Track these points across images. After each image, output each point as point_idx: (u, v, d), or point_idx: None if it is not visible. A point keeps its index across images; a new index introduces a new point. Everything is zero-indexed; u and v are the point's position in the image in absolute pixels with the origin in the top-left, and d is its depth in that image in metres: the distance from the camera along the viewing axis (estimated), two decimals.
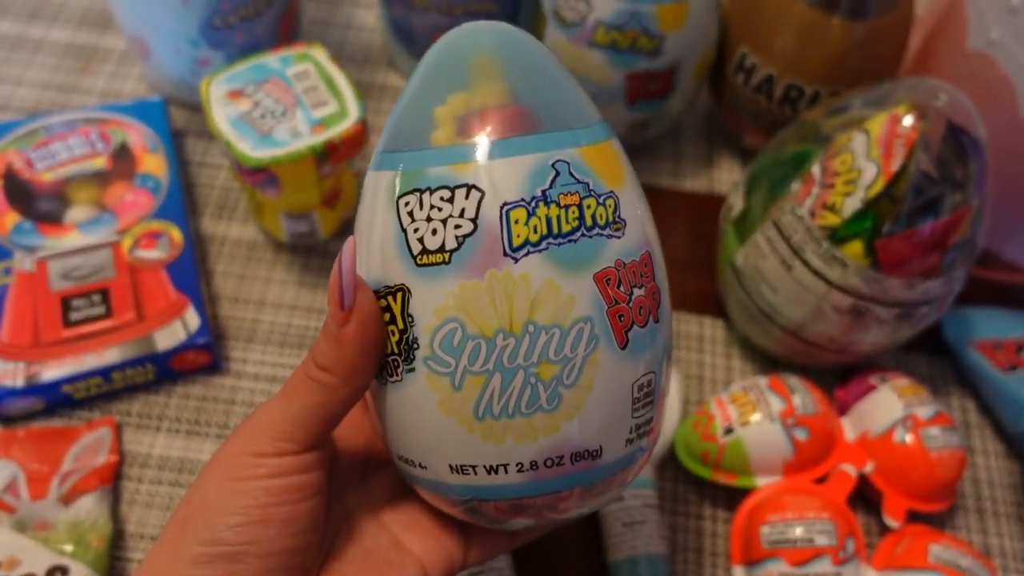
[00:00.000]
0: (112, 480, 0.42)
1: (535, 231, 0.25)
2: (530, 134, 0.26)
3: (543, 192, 0.25)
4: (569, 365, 0.25)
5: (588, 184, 0.26)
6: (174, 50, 0.51)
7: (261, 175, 0.43)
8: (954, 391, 0.49)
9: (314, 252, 0.51)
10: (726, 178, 0.56)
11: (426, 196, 0.26)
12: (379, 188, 0.27)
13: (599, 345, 0.26)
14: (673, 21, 0.47)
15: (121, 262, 0.46)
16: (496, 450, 0.26)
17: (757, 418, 0.42)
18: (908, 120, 0.39)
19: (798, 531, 0.39)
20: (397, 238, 0.26)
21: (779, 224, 0.42)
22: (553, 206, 0.25)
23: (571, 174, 0.26)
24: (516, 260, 0.25)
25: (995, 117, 0.44)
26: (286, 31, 0.54)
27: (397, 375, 0.27)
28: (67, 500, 0.40)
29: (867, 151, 0.39)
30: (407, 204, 0.26)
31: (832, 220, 0.40)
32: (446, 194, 0.25)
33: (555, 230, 0.25)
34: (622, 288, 0.26)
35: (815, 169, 0.41)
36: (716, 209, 0.54)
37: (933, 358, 0.50)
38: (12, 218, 0.47)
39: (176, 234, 0.47)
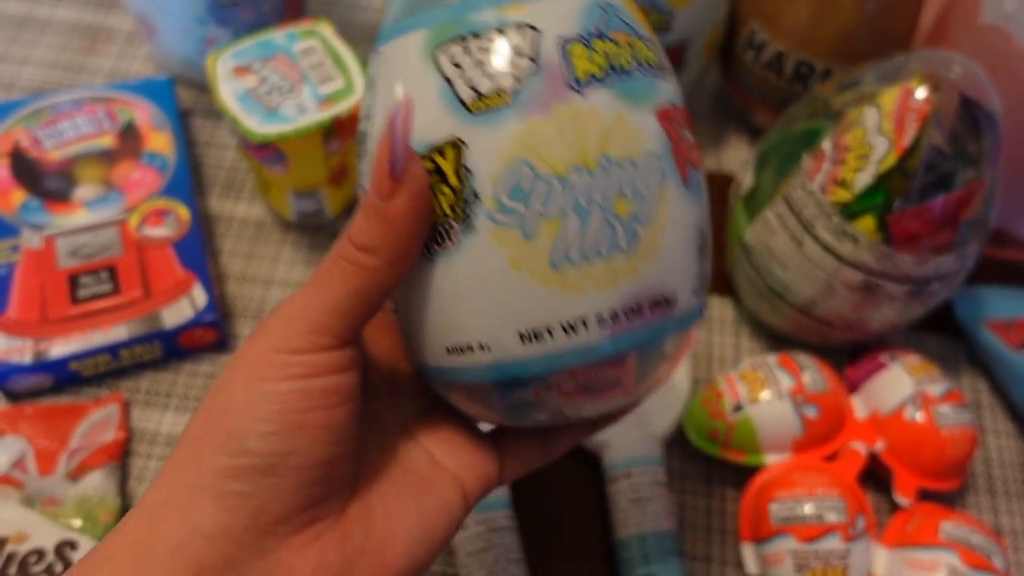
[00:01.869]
0: (120, 457, 0.42)
1: (597, 65, 0.24)
2: None
3: (597, 29, 0.25)
4: (643, 203, 0.24)
5: (633, 27, 0.26)
6: (181, 29, 0.51)
7: (268, 151, 0.43)
8: (965, 370, 0.48)
9: (321, 231, 0.50)
10: (735, 157, 0.55)
11: (472, 42, 0.24)
12: (398, 57, 0.25)
13: (667, 180, 0.25)
14: None
15: (128, 240, 0.46)
16: (576, 302, 0.24)
17: (766, 395, 0.41)
18: (921, 93, 0.38)
19: (807, 508, 0.39)
20: (440, 91, 0.24)
21: (789, 200, 0.41)
22: (609, 42, 0.25)
23: (617, 16, 0.25)
24: (582, 93, 0.24)
25: (1010, 92, 0.43)
26: (292, 9, 0.54)
27: (451, 241, 0.24)
28: (75, 476, 0.40)
29: (879, 125, 0.39)
30: (450, 55, 0.24)
31: (843, 195, 0.39)
32: (495, 36, 0.24)
33: (616, 64, 0.25)
34: (676, 127, 0.26)
35: (826, 144, 0.40)
36: (725, 188, 0.54)
37: (944, 337, 0.49)
38: (20, 196, 0.47)
39: (183, 212, 0.47)
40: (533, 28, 0.24)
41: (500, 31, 0.24)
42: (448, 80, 0.24)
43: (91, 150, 0.49)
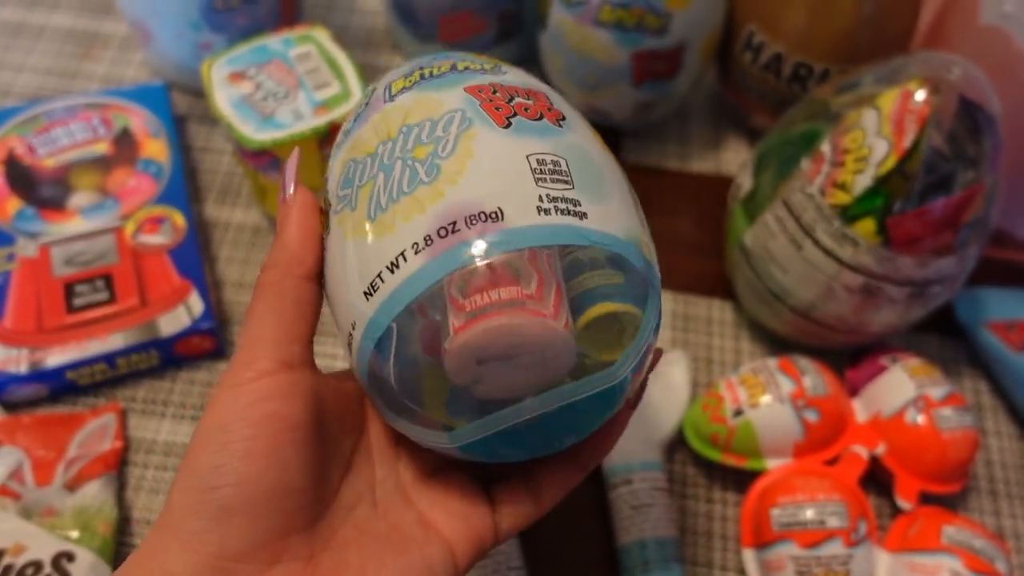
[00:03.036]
0: (117, 466, 0.42)
1: (408, 80, 0.28)
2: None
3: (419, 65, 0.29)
4: (442, 142, 0.26)
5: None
6: (175, 34, 0.51)
7: (263, 158, 0.42)
8: (966, 372, 0.48)
9: None
10: (733, 159, 0.55)
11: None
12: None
13: (474, 124, 0.26)
14: None
15: (124, 247, 0.46)
16: (392, 241, 0.25)
17: (767, 400, 0.41)
18: (920, 95, 0.38)
19: (809, 513, 0.39)
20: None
21: (789, 203, 0.41)
22: (429, 71, 0.29)
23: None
24: (394, 100, 0.28)
25: (1010, 93, 0.43)
26: (288, 14, 0.54)
27: (327, 235, 0.28)
28: (72, 486, 0.40)
29: (878, 128, 0.39)
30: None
31: (843, 198, 0.39)
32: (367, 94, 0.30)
33: (427, 75, 0.28)
34: (498, 94, 0.27)
35: (825, 147, 0.40)
36: (724, 191, 0.54)
37: (945, 339, 0.49)
38: (14, 204, 0.47)
39: (179, 219, 0.47)
40: (374, 88, 0.29)
41: (370, 89, 0.30)
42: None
43: (86, 157, 0.49)
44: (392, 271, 0.25)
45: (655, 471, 0.41)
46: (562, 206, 0.26)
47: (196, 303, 0.44)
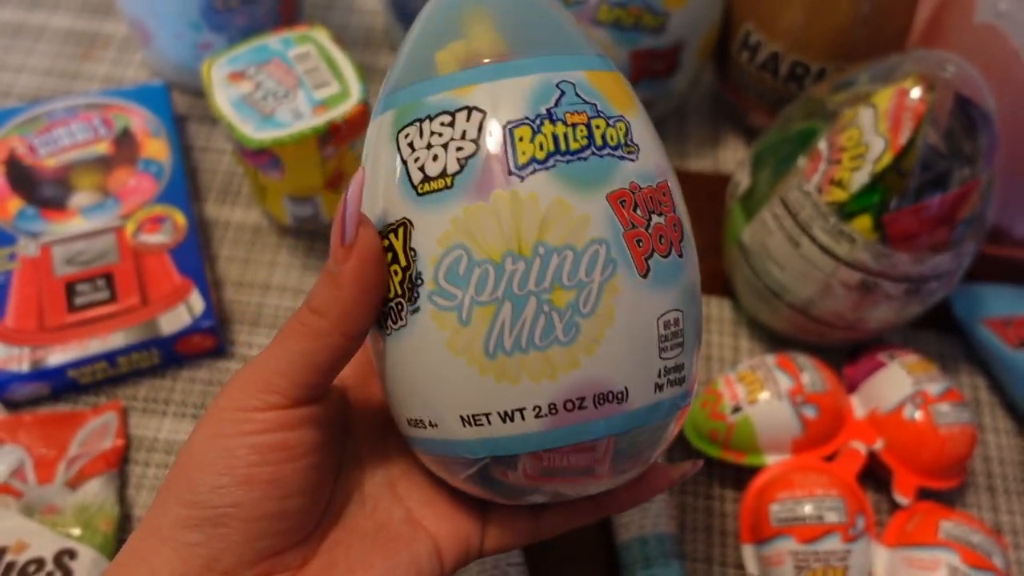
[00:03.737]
0: (118, 464, 0.42)
1: (541, 148, 0.24)
2: (522, 58, 0.25)
3: (548, 110, 0.24)
4: (585, 291, 0.24)
5: (596, 105, 0.25)
6: (175, 34, 0.51)
7: (263, 157, 0.43)
8: (964, 369, 0.48)
9: (318, 236, 0.50)
10: (731, 158, 0.55)
11: (426, 124, 0.25)
12: (380, 131, 0.26)
13: (617, 270, 0.24)
14: None
15: (125, 247, 0.46)
16: (511, 392, 0.24)
17: (765, 396, 0.41)
18: (916, 93, 0.38)
19: (807, 509, 0.39)
20: (399, 172, 0.25)
21: (786, 200, 0.41)
22: (560, 124, 0.24)
23: (577, 94, 0.25)
24: (522, 179, 0.24)
25: (1005, 91, 0.43)
26: (287, 14, 0.54)
27: (401, 319, 0.25)
28: (74, 484, 0.40)
29: (874, 125, 0.39)
30: (407, 136, 0.25)
31: (839, 195, 0.39)
32: (446, 119, 0.24)
33: (563, 147, 0.24)
34: (639, 212, 0.25)
35: (822, 145, 0.40)
36: (722, 189, 0.54)
37: (943, 336, 0.49)
38: (15, 204, 0.47)
39: (179, 218, 0.47)
40: (481, 111, 0.24)
41: (450, 114, 0.24)
42: (404, 162, 0.25)
43: (87, 157, 0.49)
44: (504, 420, 0.24)
45: None
46: (673, 377, 0.26)
47: (197, 302, 0.45)
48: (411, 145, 0.25)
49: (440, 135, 0.24)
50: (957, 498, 0.44)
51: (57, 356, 0.42)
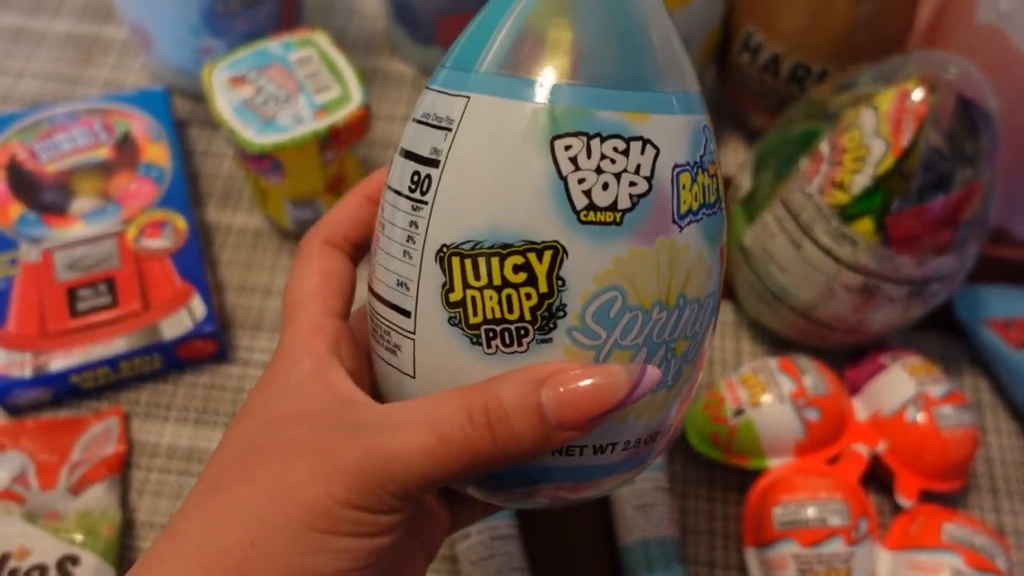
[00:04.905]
0: (121, 469, 0.42)
1: (696, 198, 0.24)
2: (677, 91, 0.24)
3: (700, 157, 0.24)
4: (697, 340, 0.25)
5: (716, 157, 0.26)
6: (176, 39, 0.51)
7: (264, 161, 0.43)
8: (966, 370, 0.48)
9: None
10: (732, 159, 0.55)
11: (595, 143, 0.22)
12: (503, 121, 0.23)
13: (714, 319, 0.26)
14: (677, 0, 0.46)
15: (126, 252, 0.46)
16: (612, 428, 0.24)
17: (768, 399, 0.41)
18: (918, 94, 0.38)
19: (810, 512, 0.39)
20: (552, 186, 0.22)
21: (787, 203, 0.41)
22: (704, 174, 0.24)
23: (712, 144, 0.25)
24: (681, 228, 0.23)
25: (1007, 91, 0.43)
26: (288, 18, 0.54)
27: (520, 345, 0.23)
28: (76, 490, 0.40)
29: (876, 127, 0.39)
30: (569, 148, 0.22)
31: (841, 198, 0.39)
32: (620, 145, 0.22)
33: (705, 199, 0.24)
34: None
35: (823, 147, 0.40)
36: (723, 191, 0.54)
37: (945, 337, 0.49)
38: (17, 209, 0.47)
39: (181, 223, 0.47)
40: (655, 147, 0.23)
41: (626, 140, 0.22)
42: (564, 178, 0.22)
43: (88, 162, 0.49)
44: (595, 453, 0.24)
45: (657, 471, 0.41)
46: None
47: (198, 307, 0.45)
48: (574, 161, 0.22)
49: (613, 162, 0.22)
50: (960, 500, 0.44)
51: (59, 361, 0.42)
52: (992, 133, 0.39)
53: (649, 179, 0.23)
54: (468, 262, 0.23)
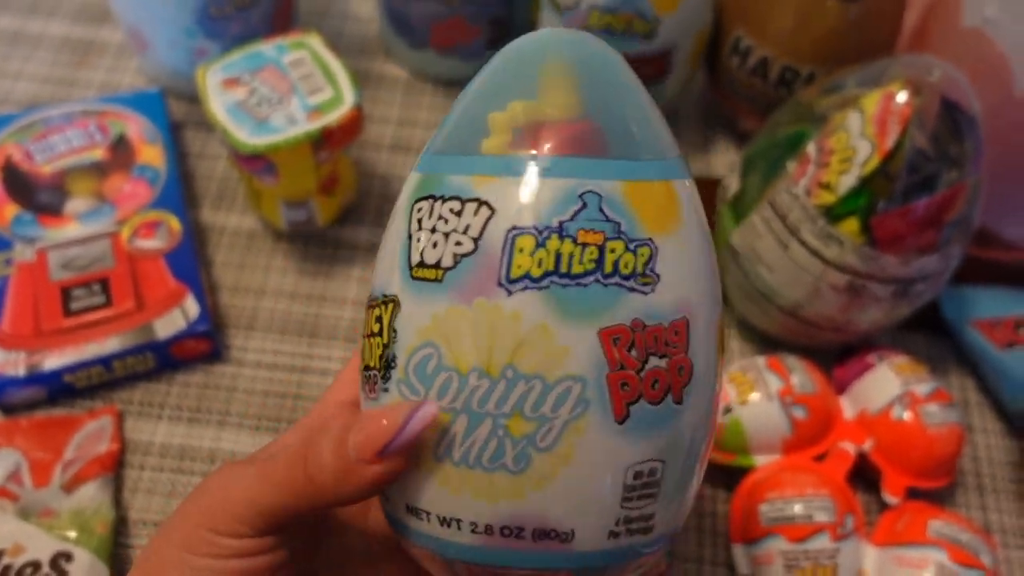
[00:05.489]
0: (114, 468, 0.42)
1: (539, 265, 0.22)
2: (575, 155, 0.23)
3: (560, 223, 0.22)
4: (546, 426, 0.22)
5: (620, 225, 0.23)
6: (170, 41, 0.52)
7: (258, 162, 0.43)
8: (953, 370, 0.49)
9: (312, 240, 0.51)
10: (722, 162, 0.56)
11: (438, 204, 0.24)
12: (407, 188, 0.26)
13: (588, 411, 0.22)
14: (667, 4, 0.47)
15: (120, 252, 0.46)
16: (450, 500, 0.23)
17: (755, 397, 0.42)
18: (902, 97, 0.39)
19: (797, 508, 0.39)
20: (403, 244, 0.24)
21: (775, 204, 0.42)
22: (568, 241, 0.22)
23: (601, 209, 0.23)
24: (510, 293, 0.22)
25: (992, 95, 0.44)
26: (281, 21, 0.54)
27: (374, 393, 0.25)
28: (70, 488, 0.41)
29: (862, 129, 0.39)
30: (419, 210, 0.24)
31: (827, 198, 0.40)
32: (456, 206, 0.23)
33: (563, 268, 0.22)
34: (634, 352, 0.22)
35: (810, 148, 0.41)
36: (713, 193, 0.54)
37: (932, 338, 0.50)
38: (12, 209, 0.47)
39: (175, 224, 0.48)
40: (491, 209, 0.23)
41: (460, 202, 0.23)
42: (409, 236, 0.24)
43: (83, 163, 0.49)
44: (442, 525, 0.24)
45: None
46: (634, 527, 0.24)
47: (192, 306, 0.45)
48: (420, 222, 0.24)
49: (446, 221, 0.23)
50: (947, 498, 0.45)
51: (53, 360, 0.43)
52: (976, 135, 0.39)
53: (476, 239, 0.23)
54: (365, 313, 0.26)
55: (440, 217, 0.23)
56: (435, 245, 0.23)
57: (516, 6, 0.54)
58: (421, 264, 0.24)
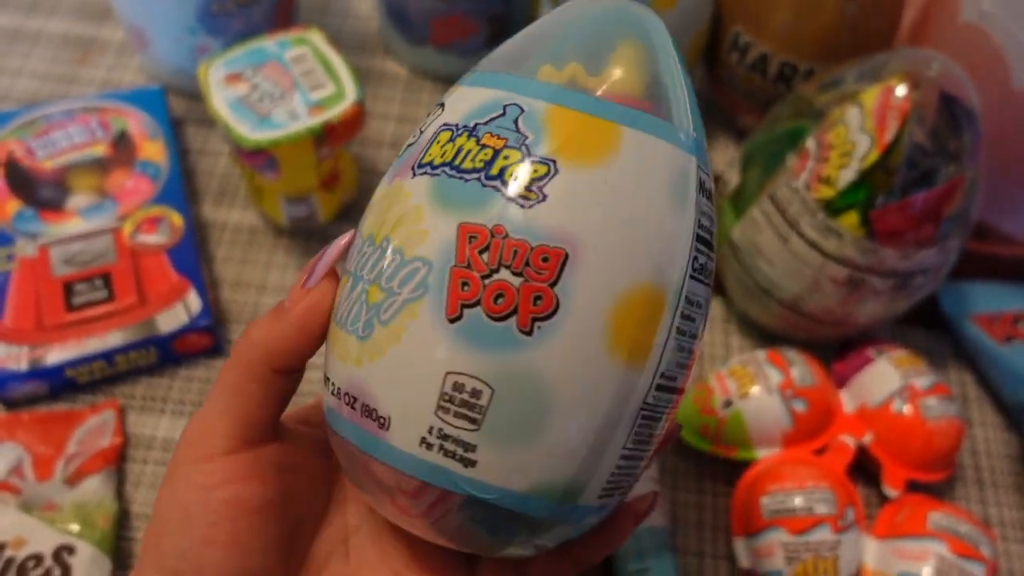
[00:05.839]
0: (116, 462, 0.42)
1: (443, 156, 0.24)
2: (506, 72, 0.25)
3: (475, 125, 0.24)
4: (390, 299, 0.23)
5: (526, 138, 0.23)
6: (172, 39, 0.52)
7: (260, 157, 0.43)
8: (952, 364, 0.49)
9: (314, 236, 0.51)
10: (722, 159, 0.56)
11: (434, 108, 0.27)
12: None
13: (425, 297, 0.22)
14: (666, 0, 0.47)
15: (122, 247, 0.46)
16: (331, 361, 0.25)
17: (756, 391, 0.42)
18: (901, 91, 0.39)
19: (797, 500, 0.39)
20: None
21: (775, 198, 0.42)
22: (472, 140, 0.24)
23: (516, 120, 0.23)
24: (414, 175, 0.24)
25: (989, 89, 0.44)
26: (282, 18, 0.54)
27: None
28: (72, 481, 0.41)
29: (861, 123, 0.40)
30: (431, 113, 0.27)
31: (827, 192, 0.40)
32: (436, 109, 0.26)
33: (457, 162, 0.23)
34: (485, 256, 0.22)
35: (810, 143, 0.41)
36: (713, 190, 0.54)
37: (931, 332, 0.50)
38: (14, 205, 0.48)
39: (176, 219, 0.48)
40: (442, 107, 0.26)
41: (439, 105, 0.26)
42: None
43: (84, 159, 0.50)
44: (325, 382, 0.26)
45: None
46: (449, 447, 0.23)
47: (194, 301, 0.45)
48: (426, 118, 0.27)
49: (427, 118, 0.26)
50: (946, 491, 0.45)
51: (55, 355, 0.43)
52: (974, 130, 0.39)
53: (420, 133, 0.26)
54: None
55: (428, 115, 0.26)
56: (410, 143, 0.26)
57: (515, 2, 0.55)
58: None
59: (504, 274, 0.22)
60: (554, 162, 0.23)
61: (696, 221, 0.24)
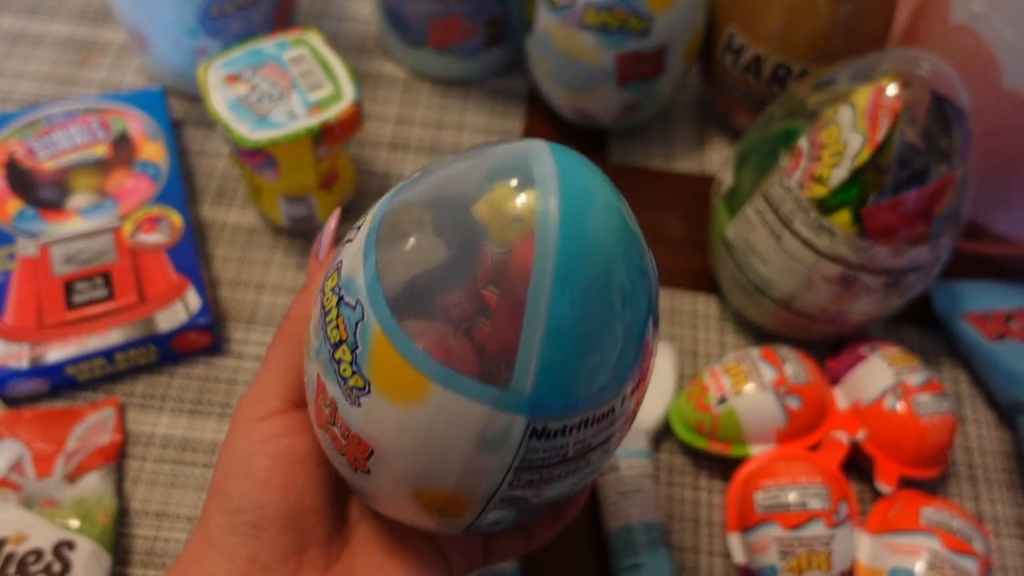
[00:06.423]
0: (116, 458, 0.42)
1: (328, 305, 0.27)
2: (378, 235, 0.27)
3: (341, 298, 0.26)
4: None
5: (357, 347, 0.24)
6: (172, 41, 0.52)
7: (259, 157, 0.44)
8: (945, 362, 0.49)
9: (312, 236, 0.51)
10: (717, 159, 0.57)
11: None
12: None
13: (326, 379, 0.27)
14: (662, 1, 0.47)
15: (123, 246, 0.47)
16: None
17: (750, 387, 0.42)
18: (892, 90, 0.39)
19: (791, 496, 0.40)
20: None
21: (768, 196, 0.43)
22: (336, 311, 0.25)
23: (356, 325, 0.25)
24: (332, 294, 0.28)
25: (980, 90, 0.45)
26: (282, 21, 0.55)
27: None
28: (72, 478, 0.41)
29: (853, 123, 0.40)
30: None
31: (820, 191, 0.40)
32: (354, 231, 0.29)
33: (327, 319, 0.26)
34: (327, 411, 0.26)
35: (803, 142, 0.42)
36: (707, 189, 0.55)
37: (924, 331, 0.50)
38: (15, 205, 0.48)
39: (176, 219, 0.48)
40: (358, 230, 0.28)
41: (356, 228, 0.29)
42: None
43: (85, 160, 0.50)
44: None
45: (642, 459, 0.42)
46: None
47: (193, 299, 0.45)
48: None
49: (356, 230, 0.28)
50: (939, 488, 0.45)
51: (56, 353, 0.43)
52: (965, 128, 0.40)
53: (350, 243, 0.28)
54: None
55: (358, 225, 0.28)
56: (348, 240, 0.28)
57: (512, 5, 0.55)
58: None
59: (336, 431, 0.26)
60: (370, 383, 0.24)
61: (519, 459, 0.24)
